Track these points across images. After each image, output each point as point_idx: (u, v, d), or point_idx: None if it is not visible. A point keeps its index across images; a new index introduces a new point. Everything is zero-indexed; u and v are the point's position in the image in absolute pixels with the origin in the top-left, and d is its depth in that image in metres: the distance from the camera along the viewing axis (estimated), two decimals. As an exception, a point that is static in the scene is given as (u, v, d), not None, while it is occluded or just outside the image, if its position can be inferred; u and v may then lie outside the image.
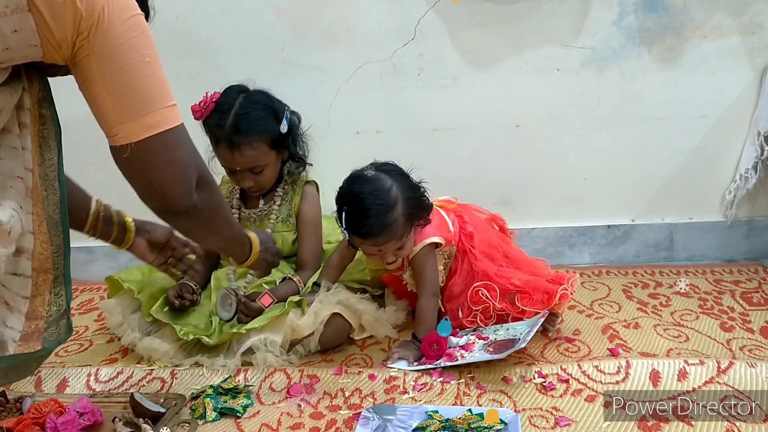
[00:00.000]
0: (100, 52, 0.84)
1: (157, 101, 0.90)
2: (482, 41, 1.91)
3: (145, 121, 0.89)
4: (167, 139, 0.92)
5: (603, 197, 2.04)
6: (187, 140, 0.99)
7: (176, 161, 0.96)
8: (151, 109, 0.89)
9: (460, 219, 1.65)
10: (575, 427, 1.18)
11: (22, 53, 0.81)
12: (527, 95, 1.96)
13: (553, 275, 1.58)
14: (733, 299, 1.72)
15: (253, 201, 1.71)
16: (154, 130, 0.90)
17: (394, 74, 1.94)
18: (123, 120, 0.89)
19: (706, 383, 1.28)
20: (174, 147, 0.94)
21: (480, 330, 1.53)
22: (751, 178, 1.94)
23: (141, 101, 0.88)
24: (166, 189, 0.97)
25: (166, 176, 0.96)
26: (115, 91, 0.87)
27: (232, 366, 1.43)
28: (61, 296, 0.95)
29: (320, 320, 1.46)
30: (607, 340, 1.52)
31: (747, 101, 1.92)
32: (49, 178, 0.92)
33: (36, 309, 0.90)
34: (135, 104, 0.88)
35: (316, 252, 1.73)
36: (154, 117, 0.90)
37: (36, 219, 0.89)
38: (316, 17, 1.91)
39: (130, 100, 0.88)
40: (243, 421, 1.27)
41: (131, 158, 0.91)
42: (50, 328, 0.92)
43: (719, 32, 1.87)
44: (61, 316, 0.95)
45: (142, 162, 0.93)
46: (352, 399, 1.32)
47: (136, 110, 0.88)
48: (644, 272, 1.94)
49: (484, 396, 1.31)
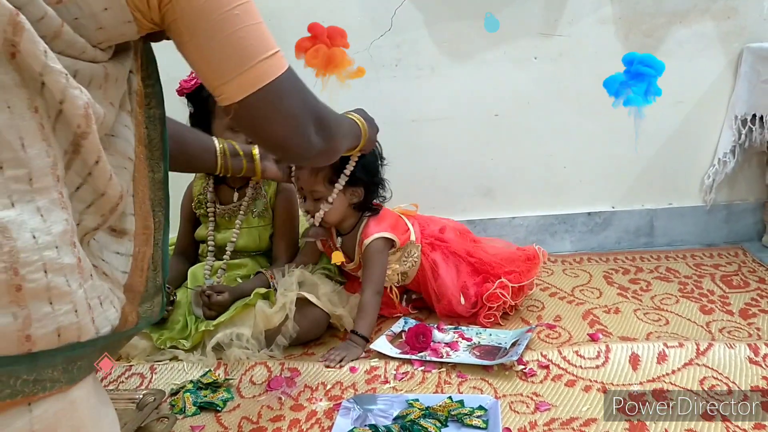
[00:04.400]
0: (184, 14, 0.79)
1: (252, 56, 0.83)
2: (459, 31, 1.91)
3: (242, 80, 0.84)
4: (270, 94, 0.86)
5: (583, 185, 2.05)
6: (296, 86, 0.92)
7: (285, 113, 0.91)
8: (248, 65, 0.83)
9: (423, 221, 1.70)
10: (555, 412, 1.18)
11: (118, 31, 0.77)
12: (505, 84, 1.96)
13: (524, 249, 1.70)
14: (713, 282, 1.73)
15: (226, 196, 1.69)
16: (253, 87, 0.84)
17: (372, 65, 1.93)
18: (221, 81, 0.84)
19: (685, 365, 1.28)
20: (280, 99, 0.89)
21: (462, 329, 1.54)
22: (730, 162, 1.96)
23: (236, 59, 0.83)
24: (281, 142, 0.94)
25: (278, 130, 0.92)
26: (208, 52, 0.82)
27: (210, 361, 1.42)
28: (158, 272, 0.92)
29: (289, 303, 1.45)
30: (588, 325, 1.52)
31: (723, 86, 1.94)
32: (154, 157, 0.90)
33: (134, 283, 0.86)
34: (230, 63, 0.83)
35: (292, 246, 1.73)
36: (252, 73, 0.84)
37: (138, 200, 0.87)
38: (292, 8, 1.89)
39: (225, 59, 0.83)
40: (223, 415, 1.26)
41: (238, 117, 0.87)
42: (144, 304, 0.89)
43: (694, 17, 1.88)
44: (157, 291, 0.92)
45: (250, 119, 0.89)
46: (333, 391, 1.31)
47: (232, 69, 0.83)
48: (625, 258, 1.95)
49: (465, 384, 1.30)
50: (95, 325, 0.71)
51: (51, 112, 0.68)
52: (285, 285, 1.50)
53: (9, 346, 0.62)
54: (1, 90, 0.63)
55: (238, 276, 1.64)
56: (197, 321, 1.53)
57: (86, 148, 0.72)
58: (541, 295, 1.72)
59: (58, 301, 0.65)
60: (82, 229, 0.75)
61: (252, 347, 1.44)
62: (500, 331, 1.53)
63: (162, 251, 0.93)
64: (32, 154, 0.65)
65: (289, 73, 0.88)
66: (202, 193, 1.69)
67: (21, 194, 0.64)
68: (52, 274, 0.65)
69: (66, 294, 0.66)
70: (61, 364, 0.67)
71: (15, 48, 0.63)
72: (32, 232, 0.64)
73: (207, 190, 1.69)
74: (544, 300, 1.69)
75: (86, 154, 0.72)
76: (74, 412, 0.69)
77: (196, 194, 1.70)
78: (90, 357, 0.73)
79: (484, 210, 2.04)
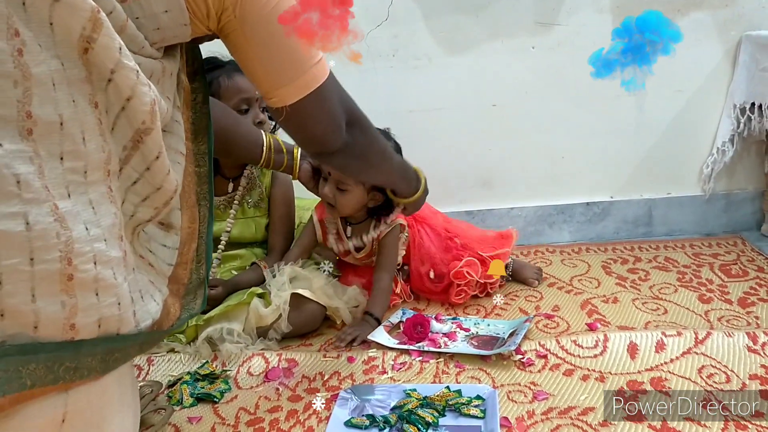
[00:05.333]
0: (245, 24, 0.85)
1: (305, 62, 0.90)
2: (457, 20, 1.90)
3: (296, 85, 0.91)
4: (318, 96, 0.94)
5: (581, 175, 2.04)
6: (335, 88, 0.99)
7: (328, 112, 0.98)
8: (301, 72, 0.90)
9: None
10: (553, 401, 1.17)
11: (173, 33, 0.81)
12: (503, 74, 1.95)
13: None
14: (711, 272, 1.72)
15: (221, 186, 1.69)
16: (305, 91, 0.92)
17: (369, 56, 1.92)
18: (277, 86, 0.91)
19: (683, 354, 1.28)
20: (325, 100, 0.96)
21: (460, 320, 1.54)
22: (728, 151, 1.95)
23: (291, 66, 0.90)
24: (320, 138, 1.01)
25: (320, 128, 0.99)
26: (266, 60, 0.89)
27: (205, 353, 1.42)
28: (201, 264, 0.96)
29: (282, 303, 1.45)
30: (586, 315, 1.52)
31: (722, 74, 1.93)
32: (200, 151, 0.96)
33: (178, 275, 0.90)
34: (286, 71, 0.90)
35: (288, 236, 1.72)
36: (304, 79, 0.91)
37: (185, 194, 0.91)
38: (287, -1, 1.88)
39: (281, 67, 0.90)
40: (220, 406, 1.26)
41: (288, 117, 0.94)
42: (188, 296, 0.93)
43: (692, 6, 1.87)
44: (200, 284, 0.96)
45: (298, 119, 0.96)
46: (331, 381, 1.31)
47: (288, 76, 0.90)
48: (623, 248, 1.95)
49: (462, 374, 1.30)
50: (136, 318, 0.73)
51: (114, 107, 0.70)
52: (277, 285, 1.49)
53: (55, 333, 0.63)
54: (69, 84, 0.65)
55: (233, 267, 1.64)
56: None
57: (147, 144, 0.74)
58: (540, 285, 1.72)
59: (104, 293, 0.67)
60: (134, 221, 0.78)
61: (244, 341, 1.44)
62: (498, 321, 1.52)
63: (206, 244, 0.97)
64: (91, 148, 0.67)
65: (331, 77, 0.96)
66: None
67: (76, 185, 0.66)
68: (101, 266, 0.67)
69: (112, 286, 0.68)
70: (101, 353, 0.68)
71: (90, 44, 0.65)
72: (85, 223, 0.66)
73: None
74: (542, 290, 1.69)
75: (147, 149, 0.75)
76: (103, 396, 0.71)
77: None
78: (127, 350, 0.74)
79: (482, 200, 2.03)
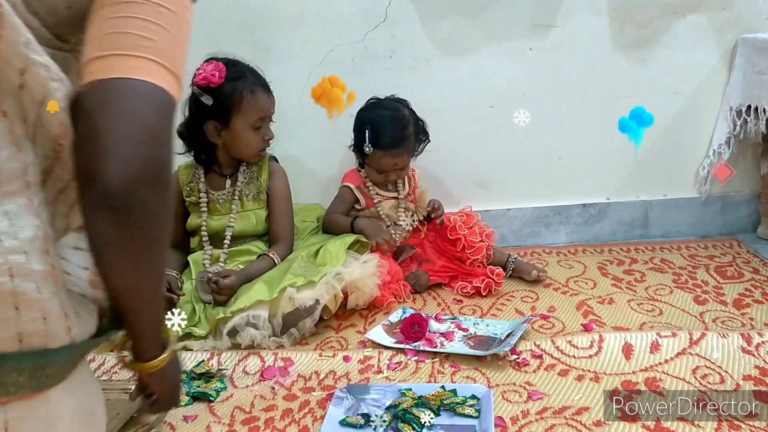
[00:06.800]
0: None
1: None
2: (454, 22, 1.90)
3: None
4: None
5: (578, 176, 2.04)
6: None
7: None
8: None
9: None
10: (548, 401, 1.18)
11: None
12: (500, 76, 1.95)
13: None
14: (707, 273, 1.73)
15: (218, 183, 1.69)
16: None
17: (366, 57, 1.93)
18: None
19: (678, 355, 1.29)
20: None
21: (459, 319, 1.54)
22: (725, 154, 1.95)
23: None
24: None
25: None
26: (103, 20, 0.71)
27: (223, 347, 1.43)
28: None
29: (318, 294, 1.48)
30: (582, 316, 1.52)
31: (718, 77, 1.93)
32: None
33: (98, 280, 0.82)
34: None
35: (289, 226, 1.74)
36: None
37: None
38: (285, 0, 1.89)
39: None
40: (216, 404, 1.26)
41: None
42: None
43: (689, 9, 1.87)
44: None
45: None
46: (327, 381, 1.32)
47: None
48: (620, 249, 1.95)
49: (458, 374, 1.30)
50: (71, 334, 0.69)
51: (28, 116, 0.65)
52: (311, 272, 1.52)
53: None
54: None
55: (240, 263, 1.66)
56: (206, 307, 1.55)
57: (67, 151, 0.68)
58: (536, 285, 1.72)
59: (25, 307, 0.63)
60: (64, 231, 0.74)
61: (268, 330, 1.44)
62: (497, 321, 1.53)
63: None
64: (1, 158, 0.62)
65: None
66: (192, 181, 1.69)
67: None
68: (20, 279, 0.62)
69: (36, 301, 0.64)
70: (29, 369, 0.64)
71: None
72: None
73: (197, 179, 1.68)
74: (538, 291, 1.69)
75: (67, 156, 0.68)
76: (48, 404, 0.67)
77: (185, 183, 1.69)
78: (62, 366, 0.69)
79: (478, 202, 2.03)
